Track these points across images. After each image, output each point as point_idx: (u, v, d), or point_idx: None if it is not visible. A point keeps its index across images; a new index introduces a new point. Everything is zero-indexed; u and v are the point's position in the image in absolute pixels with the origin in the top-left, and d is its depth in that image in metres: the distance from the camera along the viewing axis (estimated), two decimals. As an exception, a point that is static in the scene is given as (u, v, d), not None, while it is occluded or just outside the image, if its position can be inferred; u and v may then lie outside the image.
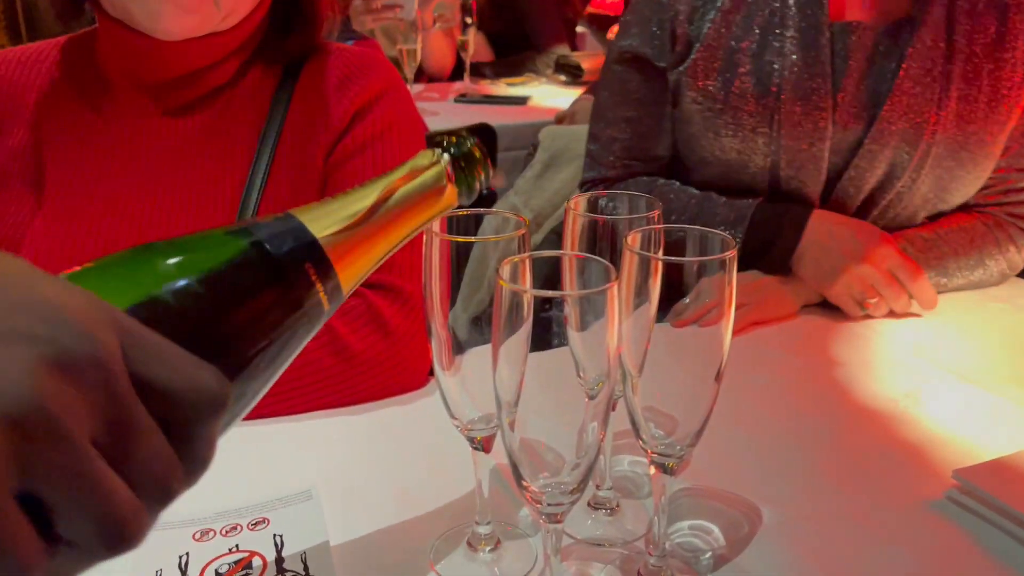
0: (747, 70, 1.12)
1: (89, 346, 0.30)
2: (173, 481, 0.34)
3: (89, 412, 0.30)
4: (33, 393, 0.28)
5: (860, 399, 0.89)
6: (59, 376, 0.29)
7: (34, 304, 0.30)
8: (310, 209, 0.44)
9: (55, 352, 0.29)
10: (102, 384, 0.30)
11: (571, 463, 0.51)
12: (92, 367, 0.30)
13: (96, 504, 0.30)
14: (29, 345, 0.29)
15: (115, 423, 0.31)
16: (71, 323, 0.30)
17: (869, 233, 1.08)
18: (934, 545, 0.67)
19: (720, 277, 0.53)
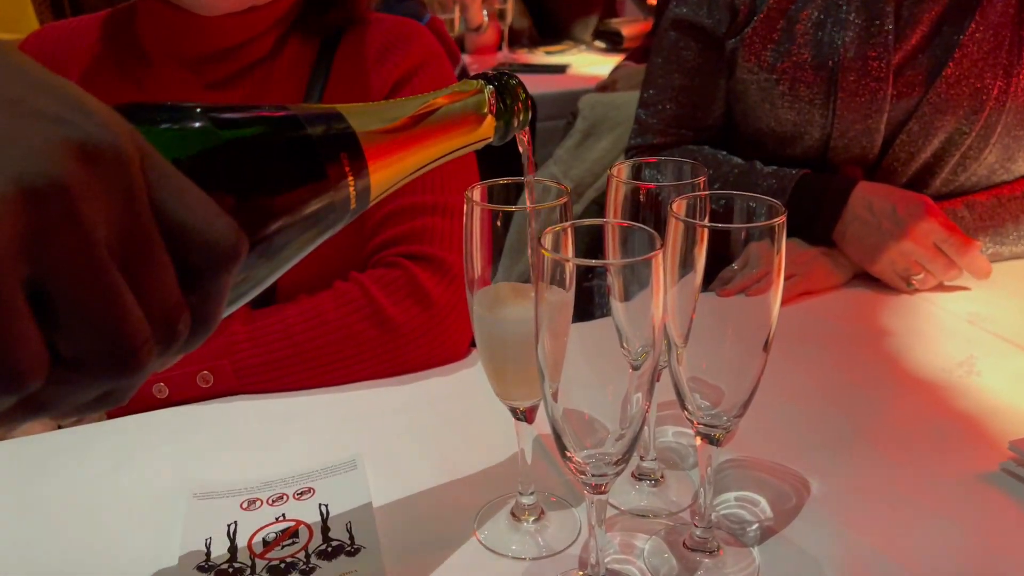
0: (806, 40, 1.09)
1: (113, 139, 0.28)
2: (179, 323, 0.31)
3: (107, 214, 0.28)
4: (56, 169, 0.26)
5: (912, 369, 0.87)
6: (82, 161, 0.27)
7: (59, 91, 0.28)
8: (354, 107, 0.44)
9: (80, 136, 0.27)
10: (122, 186, 0.28)
11: (615, 434, 0.51)
12: (115, 162, 0.28)
13: (106, 311, 0.28)
14: (55, 124, 0.27)
15: (130, 236, 0.29)
16: (97, 116, 0.28)
17: (913, 206, 1.03)
18: (988, 518, 0.65)
19: (769, 244, 0.52)
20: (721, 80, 1.19)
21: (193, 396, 0.83)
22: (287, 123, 0.40)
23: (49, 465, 0.75)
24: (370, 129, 0.43)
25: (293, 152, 0.40)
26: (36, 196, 0.26)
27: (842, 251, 1.07)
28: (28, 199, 0.25)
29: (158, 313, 0.30)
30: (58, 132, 0.27)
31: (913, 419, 0.79)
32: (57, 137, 0.27)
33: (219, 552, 0.62)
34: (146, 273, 0.29)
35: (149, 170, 0.30)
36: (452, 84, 0.51)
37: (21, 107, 0.27)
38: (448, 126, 0.48)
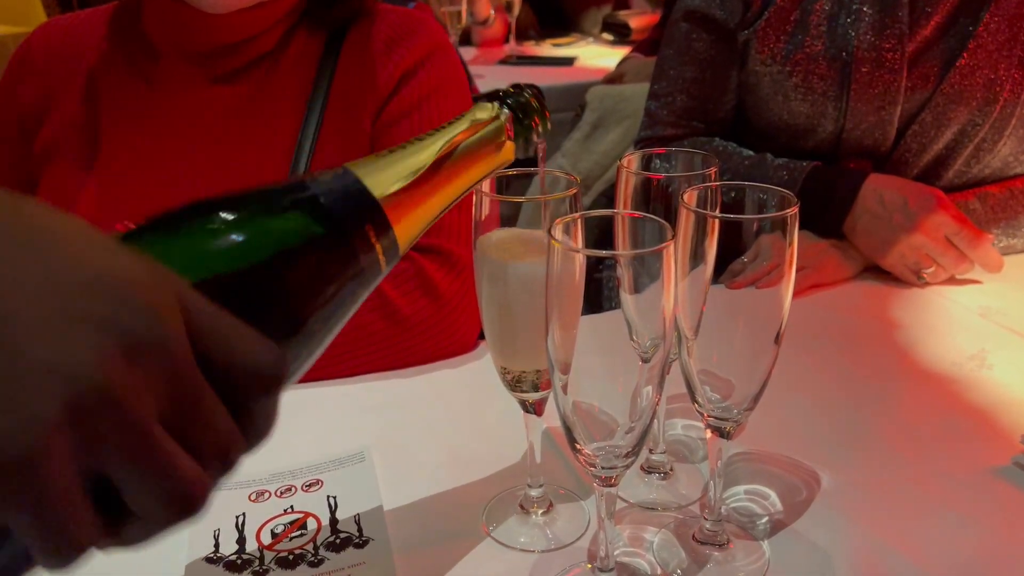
0: (820, 32, 1.08)
1: (156, 330, 0.31)
2: (234, 452, 0.34)
3: (155, 392, 0.31)
4: (101, 381, 0.29)
5: (923, 362, 0.87)
6: (126, 361, 0.30)
7: (104, 284, 0.30)
8: (368, 163, 0.43)
9: (123, 338, 0.30)
10: (168, 367, 0.31)
11: (625, 427, 0.51)
12: (159, 351, 0.31)
13: (161, 481, 0.31)
14: (99, 330, 0.29)
15: (180, 401, 0.32)
16: (139, 306, 0.31)
17: (923, 199, 1.02)
18: (999, 512, 0.65)
19: (781, 235, 0.51)
20: (733, 72, 1.19)
21: (201, 388, 0.83)
22: (308, 213, 0.40)
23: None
24: (390, 191, 0.42)
25: (318, 245, 0.40)
26: (85, 408, 0.28)
27: (853, 244, 1.06)
28: (78, 411, 0.28)
29: (213, 452, 0.33)
30: (102, 338, 0.29)
31: (924, 413, 0.78)
32: (101, 344, 0.29)
33: (227, 544, 0.62)
34: (199, 426, 0.32)
35: (193, 326, 0.32)
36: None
37: (70, 311, 0.29)
38: (468, 164, 0.46)
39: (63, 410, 0.28)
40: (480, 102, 0.49)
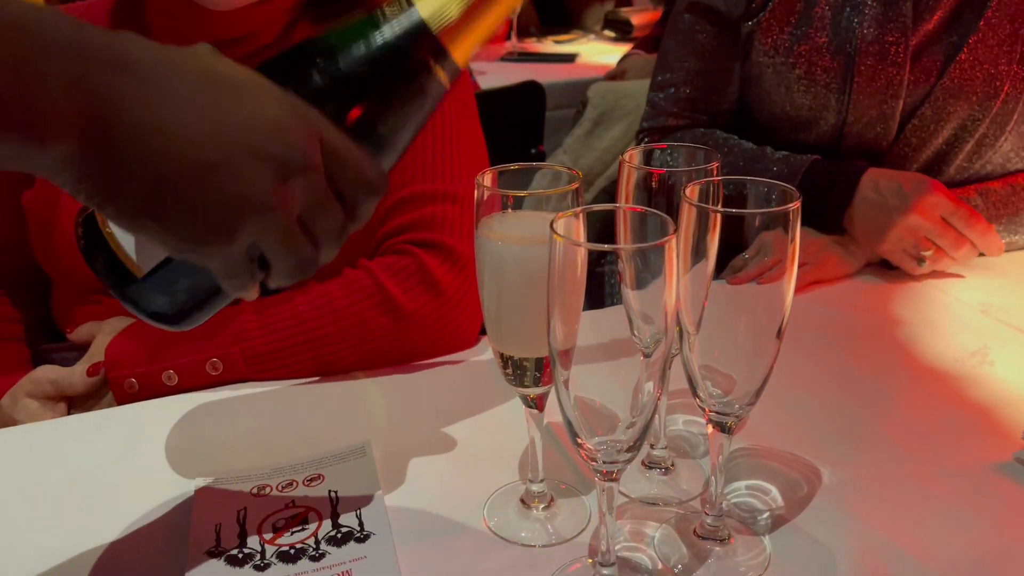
0: (824, 24, 1.08)
1: (305, 162, 0.46)
2: (344, 233, 0.51)
3: (300, 200, 0.47)
4: (270, 199, 0.45)
5: (924, 358, 0.86)
6: (283, 182, 0.46)
7: (268, 126, 0.45)
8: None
9: (284, 168, 0.46)
10: (309, 185, 0.47)
11: (626, 421, 0.51)
12: (305, 177, 0.47)
13: (294, 252, 0.49)
14: (269, 163, 0.45)
15: (316, 206, 0.48)
16: (293, 146, 0.46)
17: (917, 183, 1.02)
18: (1001, 508, 0.65)
19: (782, 231, 0.51)
20: (736, 63, 1.18)
21: (202, 383, 0.83)
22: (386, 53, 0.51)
23: (59, 452, 0.75)
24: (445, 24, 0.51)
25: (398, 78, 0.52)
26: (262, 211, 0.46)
27: (851, 235, 1.06)
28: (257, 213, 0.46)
29: (331, 236, 0.50)
30: (271, 169, 0.45)
31: (926, 409, 0.78)
32: (270, 173, 0.45)
33: (229, 538, 0.62)
34: (324, 221, 0.49)
35: (326, 155, 0.48)
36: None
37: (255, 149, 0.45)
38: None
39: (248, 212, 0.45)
40: None
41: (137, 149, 0.42)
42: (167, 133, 0.42)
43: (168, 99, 0.43)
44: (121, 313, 0.90)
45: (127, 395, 0.82)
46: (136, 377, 0.82)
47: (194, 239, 0.45)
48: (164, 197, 0.43)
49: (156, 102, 0.42)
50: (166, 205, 0.43)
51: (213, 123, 0.44)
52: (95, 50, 0.41)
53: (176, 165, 0.43)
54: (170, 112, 0.43)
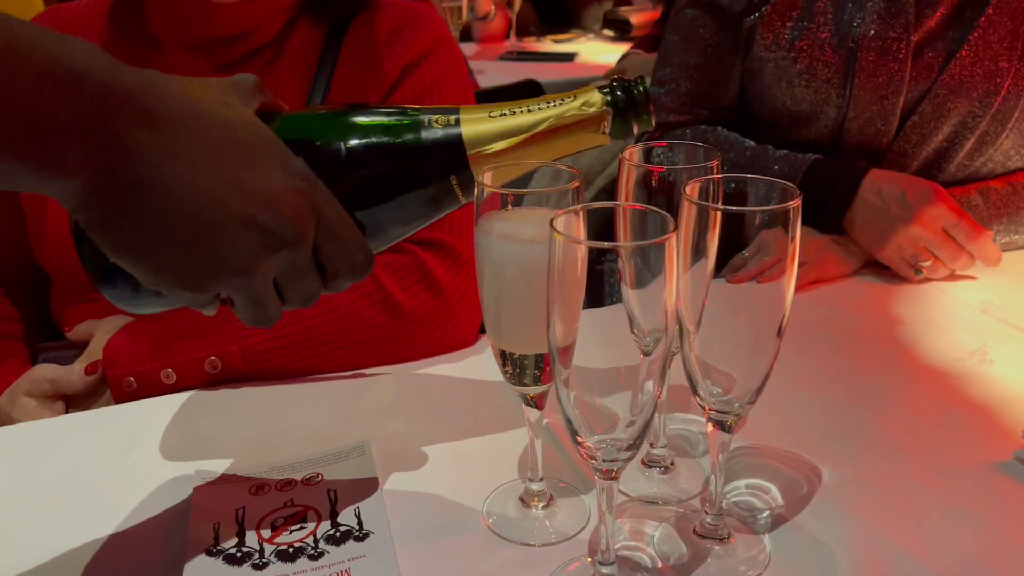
0: (826, 19, 1.08)
1: (294, 239, 0.48)
2: (314, 299, 0.53)
3: (280, 268, 0.49)
4: (251, 266, 0.47)
5: (924, 357, 0.86)
6: (268, 254, 0.48)
7: (268, 198, 0.47)
8: (477, 120, 0.52)
9: (273, 243, 0.47)
10: (292, 257, 0.49)
11: (626, 420, 0.50)
12: (291, 252, 0.49)
13: (259, 312, 0.50)
14: (259, 233, 0.47)
15: (292, 274, 0.50)
16: (287, 221, 0.47)
17: (921, 191, 1.02)
18: (1001, 507, 0.65)
19: (783, 229, 0.51)
20: (737, 59, 1.18)
21: (201, 381, 0.83)
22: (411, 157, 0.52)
23: (58, 450, 0.75)
24: (481, 152, 0.52)
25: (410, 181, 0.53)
26: (240, 285, 0.48)
27: (852, 237, 1.06)
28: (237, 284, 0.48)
29: (300, 300, 0.52)
30: (258, 240, 0.47)
31: (926, 408, 0.78)
32: (257, 244, 0.47)
33: (227, 536, 0.62)
34: (298, 288, 0.52)
35: (320, 228, 0.50)
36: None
37: (248, 215, 0.46)
38: (560, 143, 0.53)
39: (226, 274, 0.47)
40: (595, 87, 0.53)
41: (139, 199, 0.43)
42: (171, 190, 0.44)
43: (181, 158, 0.44)
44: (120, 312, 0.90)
45: (125, 394, 0.82)
46: (134, 375, 0.82)
47: (167, 284, 0.47)
48: (150, 245, 0.45)
49: (169, 159, 0.43)
50: (149, 252, 0.45)
51: (218, 186, 0.45)
52: (121, 99, 0.42)
53: (171, 221, 0.44)
54: (180, 170, 0.44)
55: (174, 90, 0.45)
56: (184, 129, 0.44)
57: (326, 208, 0.50)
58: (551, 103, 0.52)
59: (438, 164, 0.52)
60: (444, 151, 0.52)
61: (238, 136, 0.47)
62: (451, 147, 0.52)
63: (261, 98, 0.53)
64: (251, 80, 0.53)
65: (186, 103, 0.45)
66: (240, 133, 0.47)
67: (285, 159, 0.49)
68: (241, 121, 0.48)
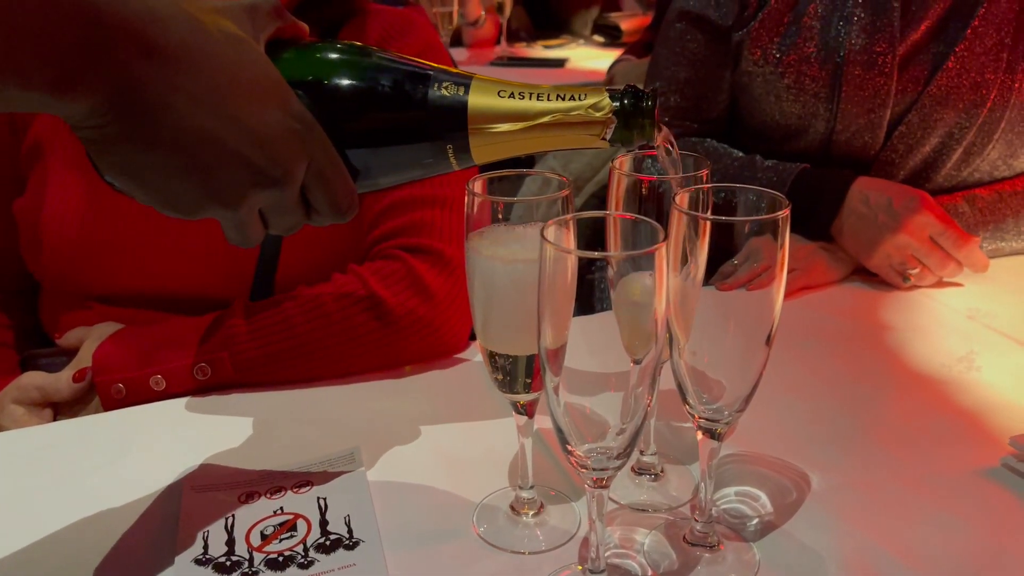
0: (812, 34, 1.09)
1: (283, 180, 0.49)
2: (296, 229, 0.54)
3: (267, 201, 0.50)
4: (238, 200, 0.49)
5: (912, 364, 0.87)
6: (256, 192, 0.49)
7: (263, 138, 0.48)
8: (487, 94, 0.52)
9: (262, 181, 0.49)
10: (279, 197, 0.50)
11: (616, 428, 0.51)
12: (278, 191, 0.50)
13: (243, 236, 0.52)
14: (250, 171, 0.48)
15: (277, 208, 0.52)
16: (278, 163, 0.49)
17: (908, 199, 1.03)
18: (988, 514, 0.65)
19: (771, 238, 0.51)
20: (726, 72, 1.19)
21: (190, 388, 0.83)
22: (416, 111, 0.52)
23: (46, 458, 0.75)
24: (482, 127, 0.52)
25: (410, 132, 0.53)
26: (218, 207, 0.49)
27: (840, 246, 1.06)
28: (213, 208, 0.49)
29: (283, 230, 0.54)
30: (247, 175, 0.48)
31: (913, 415, 0.79)
32: (247, 180, 0.48)
33: (217, 545, 0.62)
34: (282, 220, 0.53)
35: (311, 168, 0.51)
36: None
37: (243, 154, 0.47)
38: (559, 137, 0.52)
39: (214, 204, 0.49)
40: (606, 90, 0.53)
41: (139, 127, 0.44)
42: (170, 122, 0.45)
43: (182, 90, 0.45)
44: (110, 319, 0.89)
45: (114, 401, 0.82)
46: (123, 382, 0.81)
47: (157, 205, 0.49)
48: (145, 170, 0.46)
49: (170, 91, 0.44)
50: (144, 176, 0.47)
51: (215, 122, 0.46)
52: (126, 29, 0.42)
53: (168, 151, 0.46)
54: (181, 103, 0.45)
55: (181, 20, 0.45)
56: (187, 63, 0.45)
57: (318, 152, 0.51)
58: (561, 96, 0.52)
59: (438, 126, 0.52)
60: (447, 115, 0.52)
61: (241, 74, 0.47)
62: (454, 113, 0.52)
63: (279, 22, 0.53)
64: (269, 3, 0.53)
65: (191, 36, 0.45)
66: (243, 71, 0.48)
67: (285, 99, 0.49)
68: (246, 58, 0.48)
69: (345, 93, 0.52)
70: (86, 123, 0.44)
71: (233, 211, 0.49)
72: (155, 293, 0.92)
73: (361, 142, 0.53)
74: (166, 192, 0.48)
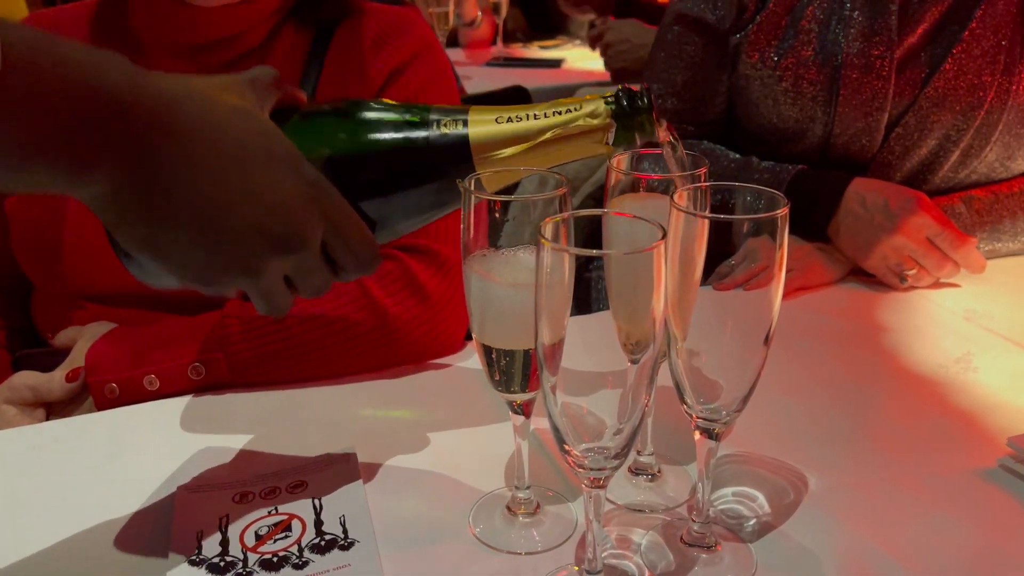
0: (810, 37, 1.09)
1: (301, 244, 0.51)
2: (325, 290, 0.55)
3: (290, 267, 0.52)
4: (260, 269, 0.50)
5: (910, 365, 0.87)
6: (276, 258, 0.51)
7: (278, 205, 0.49)
8: (485, 123, 0.53)
9: (282, 248, 0.50)
10: (300, 260, 0.52)
11: (613, 428, 0.50)
12: (298, 253, 0.51)
13: (271, 306, 0.54)
14: (268, 239, 0.49)
15: (300, 272, 0.53)
16: (295, 228, 0.50)
17: (905, 201, 1.02)
18: (986, 514, 0.65)
19: (770, 237, 0.51)
20: (723, 75, 1.19)
21: (184, 388, 0.82)
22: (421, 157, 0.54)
23: (39, 457, 0.74)
24: (486, 156, 0.53)
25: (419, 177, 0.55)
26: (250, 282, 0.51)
27: (837, 246, 1.06)
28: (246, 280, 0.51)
29: (311, 292, 0.55)
30: (265, 244, 0.50)
31: (911, 415, 0.78)
32: (266, 249, 0.50)
33: (211, 545, 0.61)
34: (308, 283, 0.54)
35: (328, 230, 0.52)
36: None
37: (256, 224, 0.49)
38: (562, 150, 0.54)
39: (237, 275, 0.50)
40: (600, 96, 0.54)
41: (159, 204, 0.46)
42: (189, 197, 0.47)
43: (199, 167, 0.47)
44: (103, 319, 0.89)
45: (107, 401, 0.81)
46: (117, 382, 0.81)
47: (182, 278, 0.51)
48: (168, 244, 0.48)
49: (187, 168, 0.46)
50: (168, 250, 0.48)
51: (232, 194, 0.48)
52: (142, 112, 0.44)
53: (188, 225, 0.47)
54: (198, 178, 0.47)
55: (193, 98, 0.47)
56: (200, 138, 0.47)
57: (333, 212, 0.52)
58: (558, 111, 0.53)
59: (445, 164, 0.54)
60: (450, 153, 0.54)
61: (252, 144, 0.49)
62: (458, 149, 0.53)
63: (278, 93, 0.55)
64: (269, 76, 0.54)
65: (203, 112, 0.47)
66: (253, 141, 0.50)
67: (296, 165, 0.51)
68: (255, 129, 0.50)
69: (353, 151, 0.54)
70: (109, 206, 0.46)
71: (256, 279, 0.51)
72: (149, 293, 0.91)
73: (374, 193, 0.55)
74: (188, 265, 0.49)
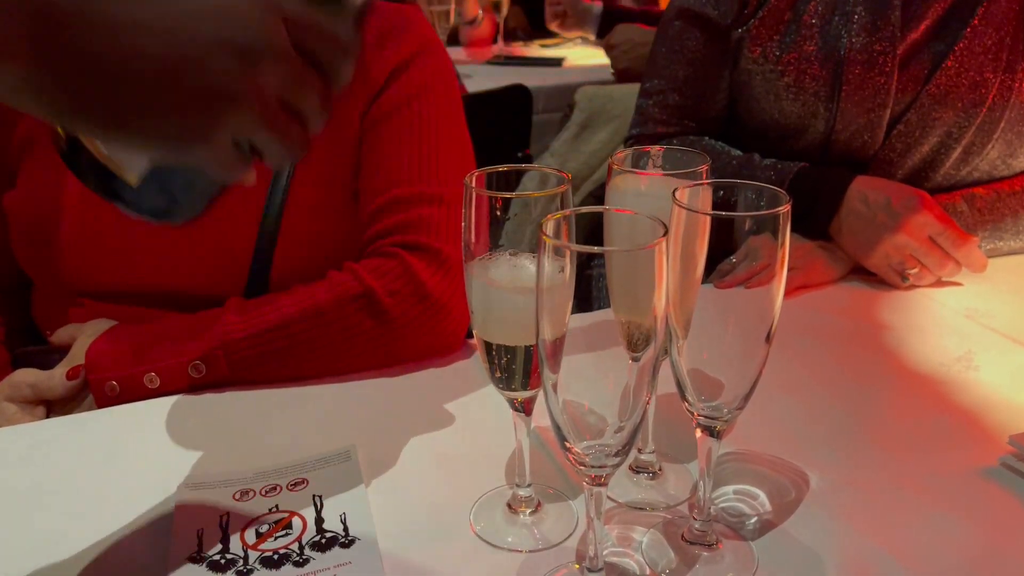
0: (812, 33, 1.09)
1: (270, 44, 0.45)
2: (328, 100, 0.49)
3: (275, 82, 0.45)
4: (242, 88, 0.44)
5: (911, 363, 0.87)
6: (254, 69, 0.44)
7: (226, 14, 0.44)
8: None
9: (251, 56, 0.44)
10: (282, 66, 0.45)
11: (615, 426, 0.50)
12: (274, 59, 0.45)
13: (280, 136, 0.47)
14: (233, 51, 0.43)
15: (292, 84, 0.46)
16: (255, 30, 0.44)
17: (907, 199, 1.02)
18: (987, 513, 0.65)
19: (771, 235, 0.51)
20: (725, 71, 1.19)
21: (184, 386, 0.82)
22: None
23: (40, 455, 0.74)
24: None
25: None
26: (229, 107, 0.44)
27: (839, 245, 1.06)
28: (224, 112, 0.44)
29: (315, 108, 0.48)
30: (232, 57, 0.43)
31: (912, 414, 0.78)
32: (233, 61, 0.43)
33: (211, 543, 0.61)
34: (305, 96, 0.48)
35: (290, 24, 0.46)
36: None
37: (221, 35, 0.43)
38: None
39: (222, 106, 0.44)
40: None
41: (90, 56, 0.40)
42: (120, 34, 0.41)
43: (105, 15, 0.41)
44: (103, 316, 0.89)
45: (108, 398, 0.81)
46: (117, 380, 0.81)
47: (170, 144, 0.44)
48: (129, 104, 0.42)
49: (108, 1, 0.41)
50: (134, 113, 0.42)
51: (169, 17, 0.42)
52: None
53: (135, 67, 0.41)
54: (121, 9, 0.41)
55: None
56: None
57: (287, 5, 0.46)
58: None
59: None
60: None
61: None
62: None
63: None
64: None
65: None
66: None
67: None
68: None
69: None
70: (40, 85, 0.40)
71: (249, 105, 0.44)
72: (148, 290, 0.92)
73: None
74: (165, 121, 0.43)
